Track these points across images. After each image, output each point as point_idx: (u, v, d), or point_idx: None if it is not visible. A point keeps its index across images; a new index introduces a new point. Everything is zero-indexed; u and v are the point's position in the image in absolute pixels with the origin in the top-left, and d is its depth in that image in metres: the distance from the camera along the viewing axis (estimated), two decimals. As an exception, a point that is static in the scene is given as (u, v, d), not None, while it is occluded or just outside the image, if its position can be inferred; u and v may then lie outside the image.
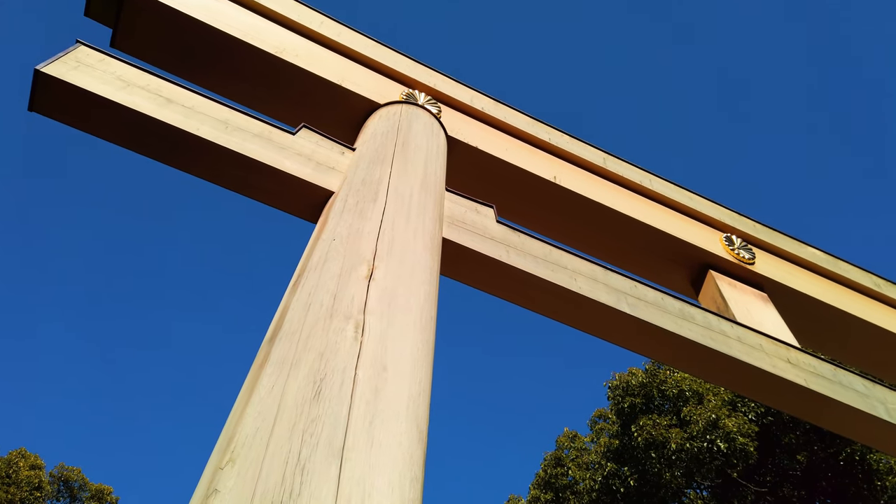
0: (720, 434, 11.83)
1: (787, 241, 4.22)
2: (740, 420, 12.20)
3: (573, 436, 16.64)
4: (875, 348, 3.86)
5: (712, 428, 11.94)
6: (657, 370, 14.03)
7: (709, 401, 12.67)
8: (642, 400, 13.71)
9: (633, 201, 3.81)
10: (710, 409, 12.25)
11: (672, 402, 13.33)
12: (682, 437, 12.11)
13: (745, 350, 2.96)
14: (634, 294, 2.97)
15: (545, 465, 16.29)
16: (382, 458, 1.33)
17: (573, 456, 15.80)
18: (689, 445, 11.92)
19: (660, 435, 12.24)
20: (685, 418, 12.55)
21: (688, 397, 13.02)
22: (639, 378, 13.96)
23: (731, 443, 11.80)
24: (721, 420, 11.97)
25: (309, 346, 1.56)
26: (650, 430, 12.44)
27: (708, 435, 11.90)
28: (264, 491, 1.17)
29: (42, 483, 21.19)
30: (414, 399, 1.56)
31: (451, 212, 2.78)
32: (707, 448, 11.89)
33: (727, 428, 11.78)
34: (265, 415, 1.36)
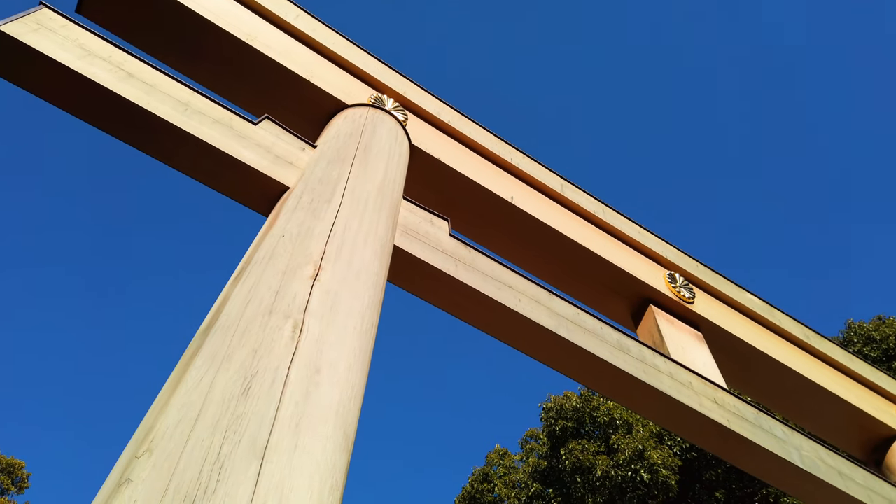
0: (645, 465, 12.12)
1: (727, 285, 4.36)
2: (665, 453, 12.52)
3: (503, 453, 16.79)
4: (798, 396, 4.01)
5: (638, 458, 12.23)
6: (591, 396, 14.28)
7: (637, 431, 12.97)
8: (574, 424, 13.95)
9: (586, 230, 3.88)
10: (638, 440, 12.54)
11: (602, 430, 13.60)
12: (609, 464, 12.36)
13: (675, 386, 3.04)
14: (575, 321, 3.02)
15: (472, 480, 16.37)
16: (305, 463, 1.32)
17: (501, 473, 15.93)
18: (614, 473, 12.18)
19: (587, 460, 12.47)
20: (613, 446, 12.81)
21: (618, 426, 13.31)
22: (573, 402, 14.20)
23: (655, 474, 12.10)
24: (647, 451, 12.27)
25: (244, 342, 1.54)
26: (578, 455, 12.66)
27: (633, 465, 12.18)
28: (179, 485, 1.15)
29: (-50, 451, 20.15)
30: (344, 405, 1.56)
31: (405, 220, 2.78)
32: (631, 478, 12.16)
33: (652, 459, 12.08)
34: (190, 407, 1.34)
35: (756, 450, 3.04)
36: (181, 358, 1.64)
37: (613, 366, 2.92)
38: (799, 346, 4.33)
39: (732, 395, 3.27)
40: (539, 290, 3.04)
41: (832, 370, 4.30)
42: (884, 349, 14.78)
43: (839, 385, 4.21)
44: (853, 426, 4.14)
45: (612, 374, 2.94)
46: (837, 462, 3.29)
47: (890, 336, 14.82)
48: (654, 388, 2.95)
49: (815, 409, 4.05)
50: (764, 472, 3.14)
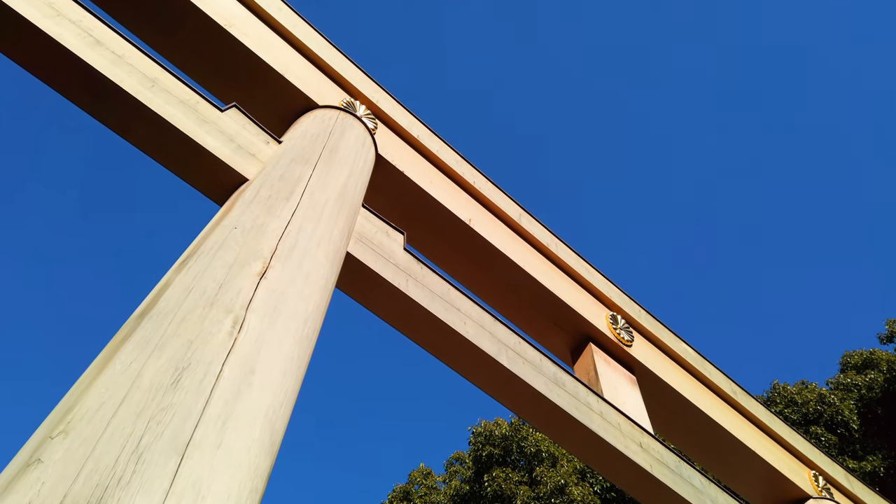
0: (564, 500, 12.25)
1: (665, 333, 4.46)
2: (586, 490, 12.68)
3: (427, 472, 16.71)
4: (720, 449, 4.11)
5: (559, 493, 12.35)
6: (521, 425, 14.40)
7: (562, 465, 13.12)
8: (501, 451, 14.02)
9: (537, 262, 3.93)
10: (561, 474, 12.68)
11: (528, 460, 13.71)
12: (530, 495, 12.44)
13: (605, 426, 3.09)
14: (516, 349, 3.04)
15: (392, 497, 16.23)
16: (227, 463, 1.28)
17: (422, 493, 15.85)
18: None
19: (509, 489, 12.53)
20: (536, 478, 12.91)
21: (543, 458, 13.44)
22: (503, 430, 14.29)
23: (572, 512, 12.25)
24: (569, 486, 12.40)
25: (179, 331, 1.50)
26: (501, 483, 12.71)
27: (553, 499, 12.30)
28: (92, 471, 1.11)
29: None
30: (275, 409, 1.53)
31: (362, 228, 2.77)
32: (548, 511, 12.29)
33: (572, 496, 12.22)
34: (114, 392, 1.29)
35: (673, 497, 3.10)
36: (110, 341, 1.58)
37: (548, 399, 2.94)
38: (726, 401, 4.44)
39: (657, 441, 3.34)
40: (484, 315, 3.06)
41: (754, 428, 4.43)
42: (803, 413, 15.33)
43: (759, 443, 4.33)
44: (768, 485, 4.26)
45: (545, 407, 2.96)
46: (749, 518, 3.38)
47: (811, 401, 15.40)
48: (585, 426, 2.98)
49: (734, 463, 4.16)
50: (679, 521, 3.20)
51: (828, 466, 4.68)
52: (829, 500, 4.26)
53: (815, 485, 4.42)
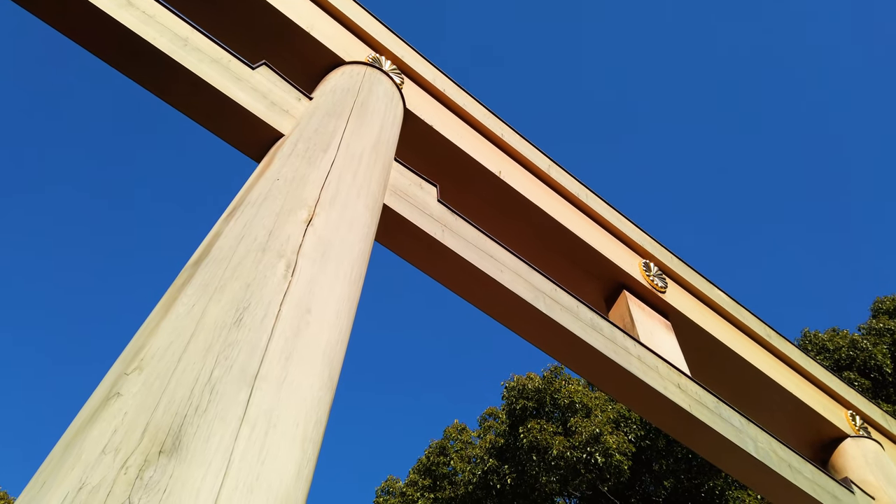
0: (600, 448, 12.40)
1: (698, 279, 4.45)
2: (621, 439, 12.81)
3: (462, 428, 17.01)
4: (756, 391, 4.13)
5: (594, 441, 12.50)
6: (553, 378, 14.54)
7: (595, 415, 13.25)
8: (534, 404, 14.19)
9: (568, 212, 3.93)
10: (596, 424, 12.81)
11: (562, 412, 13.86)
12: (565, 445, 12.61)
13: (643, 369, 3.12)
14: (553, 296, 3.07)
15: (429, 452, 16.57)
16: (293, 395, 1.33)
17: (458, 447, 16.15)
18: (570, 454, 12.44)
19: (544, 440, 12.71)
20: (571, 428, 13.07)
21: (577, 409, 13.57)
22: (535, 383, 14.43)
23: (609, 458, 12.40)
24: (603, 436, 12.54)
25: (236, 275, 1.54)
26: (536, 434, 12.88)
27: (589, 447, 12.46)
28: (170, 401, 1.16)
29: None
30: (332, 346, 1.57)
31: (395, 181, 2.79)
32: (586, 459, 12.44)
33: (607, 444, 12.36)
34: (181, 331, 1.34)
35: (714, 436, 3.14)
36: (169, 288, 1.63)
37: (586, 343, 2.98)
38: (760, 344, 4.45)
39: (695, 383, 3.36)
40: (520, 263, 3.08)
41: (790, 370, 4.44)
42: (835, 359, 15.26)
43: (795, 385, 4.34)
44: (805, 425, 4.28)
45: (583, 350, 3.00)
46: (789, 455, 3.41)
47: (843, 347, 15.30)
48: (623, 369, 3.02)
49: (771, 405, 4.18)
50: (719, 459, 3.25)
51: (864, 406, 4.69)
52: (866, 437, 4.27)
53: (853, 424, 4.43)
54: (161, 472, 1.02)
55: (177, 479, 1.02)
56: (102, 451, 1.05)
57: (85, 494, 0.97)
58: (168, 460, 1.05)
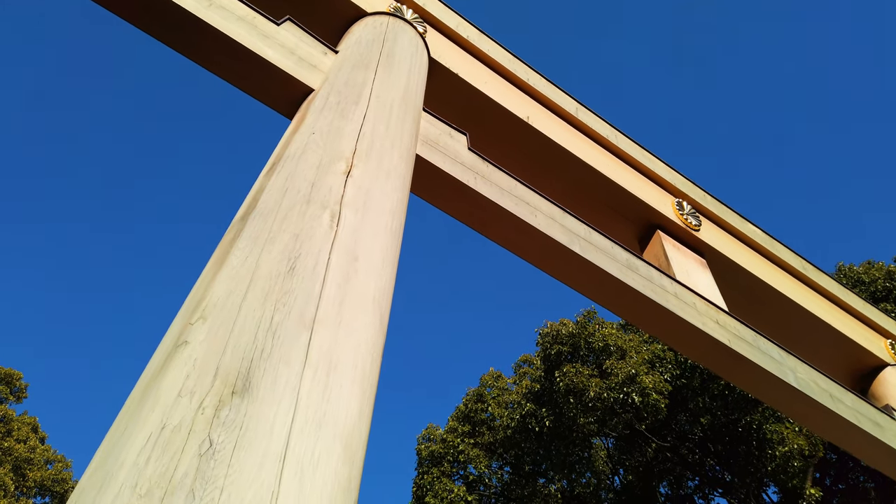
0: (636, 388, 12.56)
1: (732, 216, 4.41)
2: (657, 378, 12.95)
3: (497, 375, 17.31)
4: (794, 324, 4.12)
5: (630, 382, 12.66)
6: (587, 323, 14.67)
7: (631, 357, 13.37)
8: (569, 349, 14.37)
9: (598, 154, 3.89)
10: (631, 365, 12.94)
11: (596, 355, 14.02)
12: (601, 386, 12.80)
13: (680, 306, 3.13)
14: (588, 238, 3.08)
15: (467, 400, 16.94)
16: (349, 338, 1.38)
17: (495, 394, 16.48)
18: (607, 395, 12.63)
19: (581, 382, 12.90)
20: (606, 370, 13.23)
21: (612, 352, 13.72)
22: (569, 328, 14.57)
23: (645, 398, 12.58)
24: (639, 376, 12.68)
25: (284, 227, 1.58)
26: (572, 377, 13.08)
27: (625, 388, 12.62)
28: (236, 346, 1.21)
29: (-52, 360, 20.47)
30: (380, 291, 1.61)
31: (426, 131, 2.79)
32: (622, 400, 12.62)
33: (644, 384, 12.51)
34: (238, 281, 1.39)
35: (754, 369, 3.16)
36: (220, 243, 1.68)
37: (623, 283, 2.99)
38: (797, 278, 4.42)
39: (733, 318, 3.37)
40: (553, 207, 3.08)
41: (827, 302, 4.42)
42: (871, 291, 15.08)
43: (833, 316, 4.33)
44: (843, 356, 4.28)
45: (620, 290, 3.01)
46: (829, 385, 3.42)
47: (878, 279, 15.10)
48: (661, 306, 3.03)
49: (810, 337, 4.17)
50: (760, 391, 3.27)
51: (905, 335, 4.66)
52: (908, 366, 4.26)
53: (892, 352, 4.41)
54: (236, 412, 1.08)
55: (251, 416, 1.08)
56: (178, 395, 1.10)
57: (168, 433, 1.03)
58: (241, 400, 1.10)
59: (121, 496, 0.94)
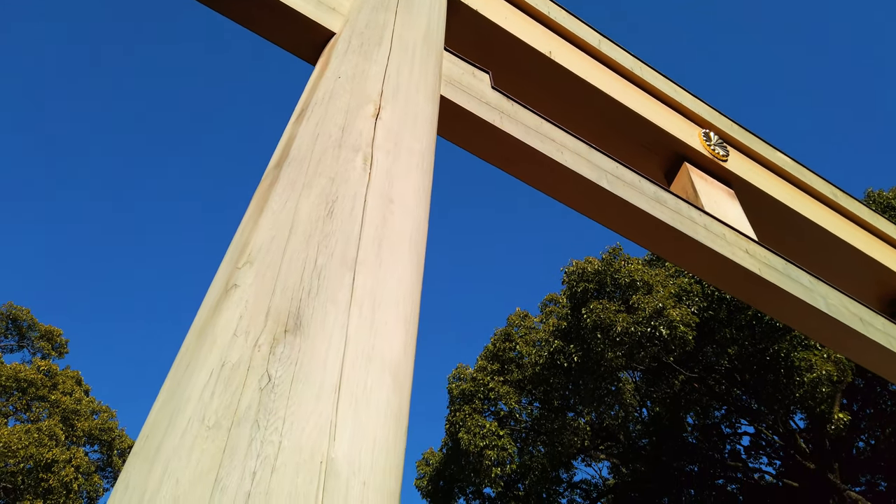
0: (663, 322, 12.67)
1: (759, 144, 4.34)
2: (684, 311, 13.03)
3: (524, 315, 17.53)
4: (824, 251, 4.10)
5: (657, 315, 12.76)
6: (612, 260, 14.70)
7: (657, 291, 13.42)
8: (595, 286, 14.46)
9: (622, 86, 3.83)
10: (658, 299, 13.02)
11: (623, 291, 14.10)
12: (629, 321, 12.92)
13: (710, 237, 3.13)
14: (615, 173, 3.07)
15: (495, 340, 17.24)
16: (390, 278, 1.42)
17: (522, 333, 16.74)
18: (634, 329, 12.76)
19: (608, 318, 13.04)
20: (633, 305, 13.33)
21: (638, 287, 13.78)
22: (594, 266, 14.63)
23: (673, 330, 12.68)
24: (666, 310, 12.76)
25: (319, 172, 1.61)
26: (599, 314, 13.22)
27: (652, 322, 12.73)
28: (284, 288, 1.26)
29: (-9, 318, 21.20)
30: (416, 232, 1.65)
31: (448, 71, 2.77)
32: (650, 333, 12.75)
33: (671, 317, 12.60)
34: (280, 227, 1.43)
35: (784, 296, 3.17)
36: (256, 191, 1.71)
37: (651, 216, 2.99)
38: (826, 205, 4.38)
39: (763, 247, 3.36)
40: (579, 143, 3.07)
41: (858, 228, 4.37)
42: (902, 218, 14.82)
43: (864, 242, 4.29)
44: (874, 281, 4.26)
45: (649, 224, 3.02)
46: (859, 310, 3.43)
47: (909, 205, 14.83)
48: (690, 238, 3.04)
49: (841, 264, 4.16)
50: (790, 318, 3.29)
51: (938, 259, 4.61)
52: (941, 289, 4.23)
53: (926, 277, 4.38)
54: (290, 348, 1.13)
55: (305, 352, 1.13)
56: (234, 334, 1.16)
57: (228, 370, 1.09)
58: (294, 338, 1.15)
59: (191, 428, 1.00)
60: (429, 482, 20.34)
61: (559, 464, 19.03)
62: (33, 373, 23.22)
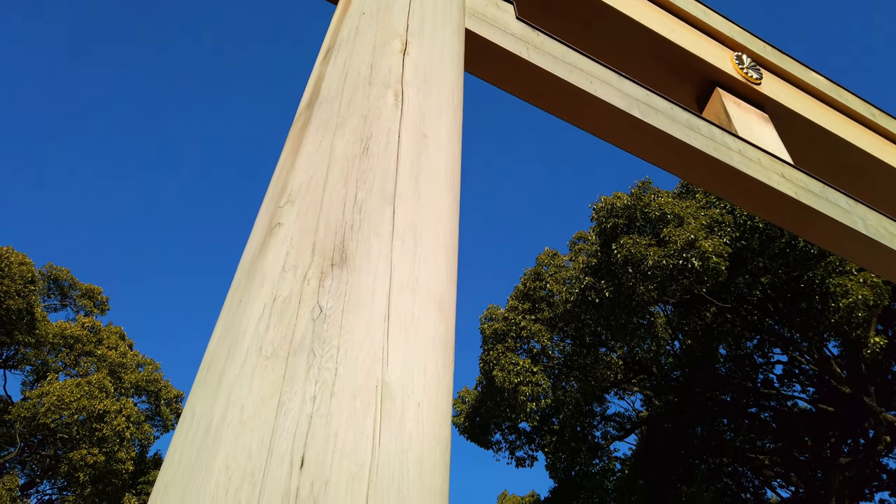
0: (695, 253, 12.54)
1: (793, 65, 4.21)
2: (716, 242, 12.87)
3: (553, 254, 17.54)
4: (862, 173, 4.01)
5: (689, 247, 12.63)
6: (642, 194, 14.50)
7: (688, 223, 13.26)
8: (625, 221, 14.33)
9: (650, 11, 3.72)
10: (689, 231, 12.86)
11: (653, 225, 13.97)
12: (660, 254, 12.81)
13: (745, 162, 3.08)
14: (646, 101, 3.01)
15: (524, 280, 17.33)
16: (429, 210, 1.44)
17: (552, 272, 16.78)
18: (666, 262, 12.67)
19: (639, 252, 12.95)
20: (664, 238, 13.21)
21: (668, 220, 13.62)
22: (623, 201, 14.46)
23: (705, 262, 12.57)
24: (698, 241, 12.62)
25: (351, 111, 1.61)
26: (630, 248, 13.13)
27: (684, 254, 12.61)
28: (327, 224, 1.28)
29: (34, 277, 21.89)
30: (450, 166, 1.65)
31: (471, 4, 2.71)
32: (682, 265, 12.66)
33: (703, 248, 12.46)
34: (317, 166, 1.45)
35: (822, 220, 3.13)
36: (289, 133, 1.72)
37: (685, 144, 2.94)
38: (864, 125, 4.25)
39: (799, 170, 3.30)
40: (608, 72, 3.00)
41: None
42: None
43: (904, 162, 4.18)
44: (915, 201, 4.17)
45: (682, 152, 2.97)
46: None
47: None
48: (725, 165, 2.99)
49: (880, 186, 4.06)
50: (828, 242, 3.25)
51: (982, 176, 4.48)
52: (984, 206, 4.13)
53: (969, 195, 4.27)
54: (338, 281, 1.16)
55: (352, 284, 1.16)
56: (283, 269, 1.19)
57: (280, 304, 1.12)
58: (341, 271, 1.18)
59: (249, 359, 1.04)
60: (465, 419, 20.86)
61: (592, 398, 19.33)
62: (78, 329, 24.03)
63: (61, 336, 23.52)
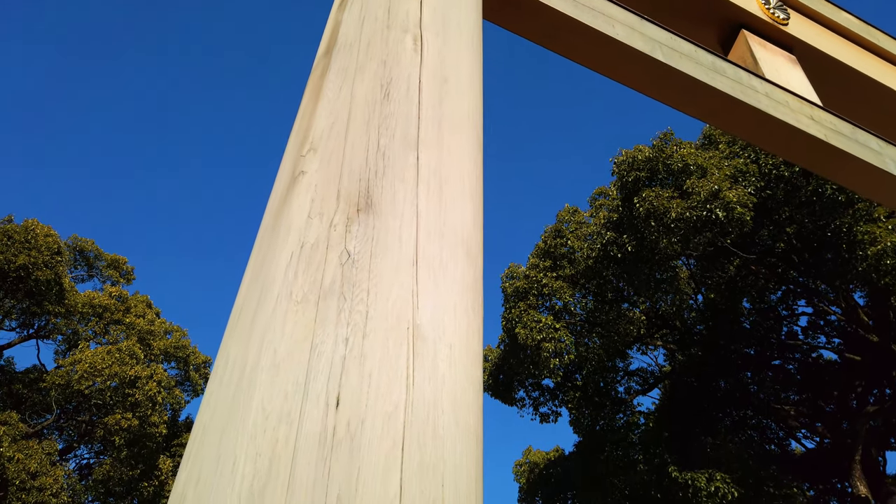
0: (720, 204, 12.31)
1: (823, 4, 4.06)
2: (740, 192, 12.61)
3: (574, 210, 17.38)
4: (895, 114, 3.89)
5: (713, 198, 12.39)
6: (663, 146, 14.21)
7: (712, 174, 12.99)
8: (647, 174, 14.08)
9: (672, -49, 3.59)
10: (713, 182, 12.60)
11: (675, 177, 13.72)
12: (683, 206, 12.61)
13: (772, 105, 2.99)
14: (670, 44, 2.92)
15: (545, 237, 17.24)
16: (452, 155, 1.41)
17: (573, 228, 16.65)
18: (689, 214, 12.48)
19: (661, 205, 12.75)
20: (687, 190, 12.97)
21: (691, 171, 13.34)
22: (645, 154, 14.19)
23: (730, 212, 12.35)
24: (722, 192, 12.36)
25: (370, 55, 1.58)
26: (652, 201, 12.92)
27: (708, 205, 12.38)
28: (350, 171, 1.27)
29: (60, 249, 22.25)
30: (472, 111, 1.62)
31: (487, -53, 2.63)
32: (706, 217, 12.46)
33: (727, 198, 12.22)
34: (338, 113, 1.42)
35: (853, 162, 3.05)
36: (309, 80, 1.70)
37: (710, 87, 2.87)
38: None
39: (828, 112, 3.21)
40: (631, 16, 2.92)
41: (932, 87, 4.11)
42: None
43: (939, 101, 4.04)
44: (949, 142, 4.04)
45: (709, 95, 2.90)
46: (934, 171, 3.27)
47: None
48: (752, 107, 2.91)
49: (912, 126, 3.94)
50: (859, 185, 3.17)
51: None
52: None
53: None
54: (364, 226, 1.15)
55: (379, 229, 1.15)
56: (308, 216, 1.18)
57: (308, 250, 1.12)
58: (367, 216, 1.17)
59: (280, 304, 1.04)
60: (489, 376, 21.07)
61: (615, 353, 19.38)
62: (106, 298, 24.49)
63: (90, 305, 23.99)
